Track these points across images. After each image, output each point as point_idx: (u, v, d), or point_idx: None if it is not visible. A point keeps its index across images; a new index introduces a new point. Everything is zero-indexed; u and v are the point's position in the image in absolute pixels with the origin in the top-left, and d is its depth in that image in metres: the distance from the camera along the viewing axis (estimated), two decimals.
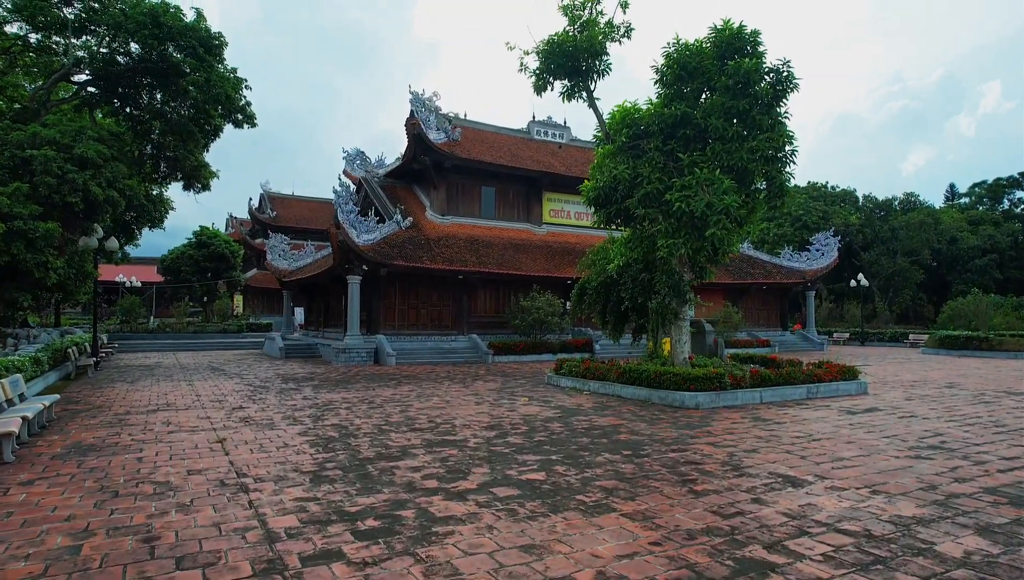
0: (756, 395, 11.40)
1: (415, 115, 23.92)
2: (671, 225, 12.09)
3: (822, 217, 46.03)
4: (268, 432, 8.53)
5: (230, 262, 39.71)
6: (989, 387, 14.27)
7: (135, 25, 15.19)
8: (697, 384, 10.87)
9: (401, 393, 12.89)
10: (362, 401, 11.76)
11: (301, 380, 15.47)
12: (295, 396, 12.38)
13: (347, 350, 20.17)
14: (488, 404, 11.29)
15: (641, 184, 12.29)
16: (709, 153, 11.94)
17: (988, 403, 11.44)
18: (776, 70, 11.99)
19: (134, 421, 9.32)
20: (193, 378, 15.83)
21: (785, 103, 12.20)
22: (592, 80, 13.27)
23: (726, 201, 11.03)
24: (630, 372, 12.20)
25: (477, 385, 14.50)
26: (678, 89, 12.54)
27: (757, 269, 30.11)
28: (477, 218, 26.15)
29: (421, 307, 22.80)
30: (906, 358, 24.16)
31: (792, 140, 11.68)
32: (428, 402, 11.61)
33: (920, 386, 14.33)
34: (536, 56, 12.90)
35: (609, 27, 12.97)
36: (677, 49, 12.44)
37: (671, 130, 12.38)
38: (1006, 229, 51.12)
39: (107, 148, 14.28)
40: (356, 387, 13.98)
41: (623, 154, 12.72)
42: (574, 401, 11.77)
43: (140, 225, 28.47)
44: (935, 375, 17.08)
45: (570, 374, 14.01)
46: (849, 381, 12.77)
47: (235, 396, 12.33)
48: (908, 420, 9.49)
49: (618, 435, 8.33)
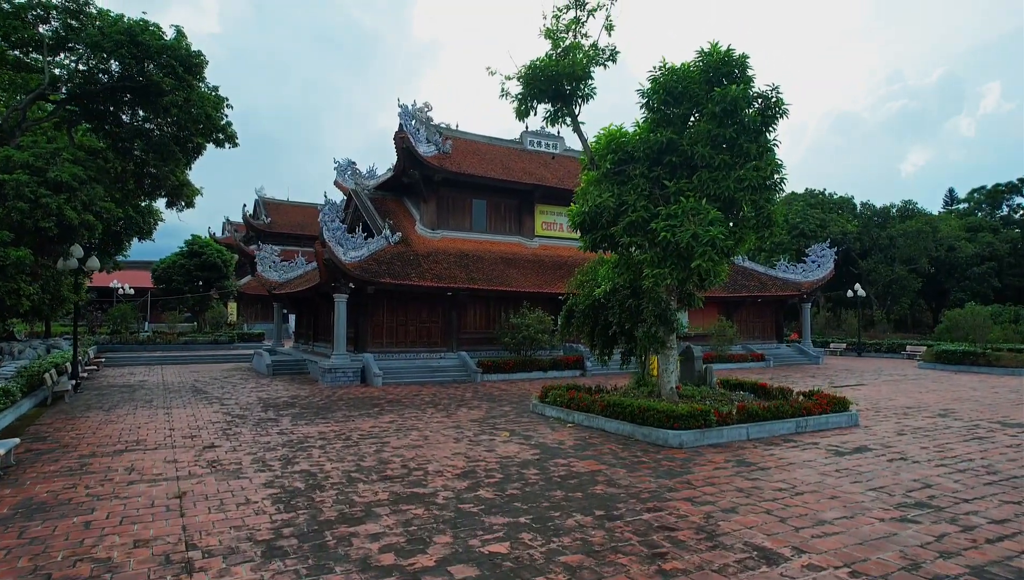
0: (743, 431, 11.09)
1: (404, 129, 23.61)
2: (657, 254, 11.78)
3: (819, 225, 45.72)
4: (232, 482, 8.22)
5: (222, 271, 39.42)
6: (984, 415, 13.96)
7: (112, 44, 14.86)
8: (681, 422, 10.55)
9: (380, 425, 12.57)
10: (339, 436, 11.45)
11: (282, 407, 15.15)
12: (271, 430, 12.07)
13: (333, 370, 19.87)
14: (467, 442, 10.97)
15: (626, 212, 11.99)
16: (696, 181, 11.63)
17: (981, 440, 11.13)
18: (764, 96, 11.68)
19: (96, 467, 9.01)
20: (172, 403, 15.52)
21: (774, 129, 11.91)
22: (576, 104, 12.96)
23: (712, 232, 10.72)
24: (614, 406, 11.89)
25: (460, 413, 14.19)
26: (664, 114, 12.23)
27: (752, 281, 29.81)
28: (468, 232, 25.85)
29: (410, 324, 22.49)
30: (902, 374, 23.85)
31: (780, 169, 11.37)
32: (406, 438, 11.30)
33: (913, 414, 14.01)
34: (518, 81, 12.59)
35: (594, 49, 12.66)
36: (663, 73, 12.12)
37: (657, 156, 12.07)
38: (1005, 236, 50.83)
39: (84, 170, 13.96)
40: (336, 417, 13.66)
41: (608, 181, 12.41)
42: (556, 436, 11.46)
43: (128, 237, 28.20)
44: (930, 399, 16.76)
45: (555, 403, 13.70)
46: (840, 413, 12.45)
47: (210, 430, 12.02)
48: (897, 465, 9.18)
49: (594, 487, 8.01)
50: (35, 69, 15.87)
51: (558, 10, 12.54)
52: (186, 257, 39.02)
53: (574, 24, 12.44)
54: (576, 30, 12.49)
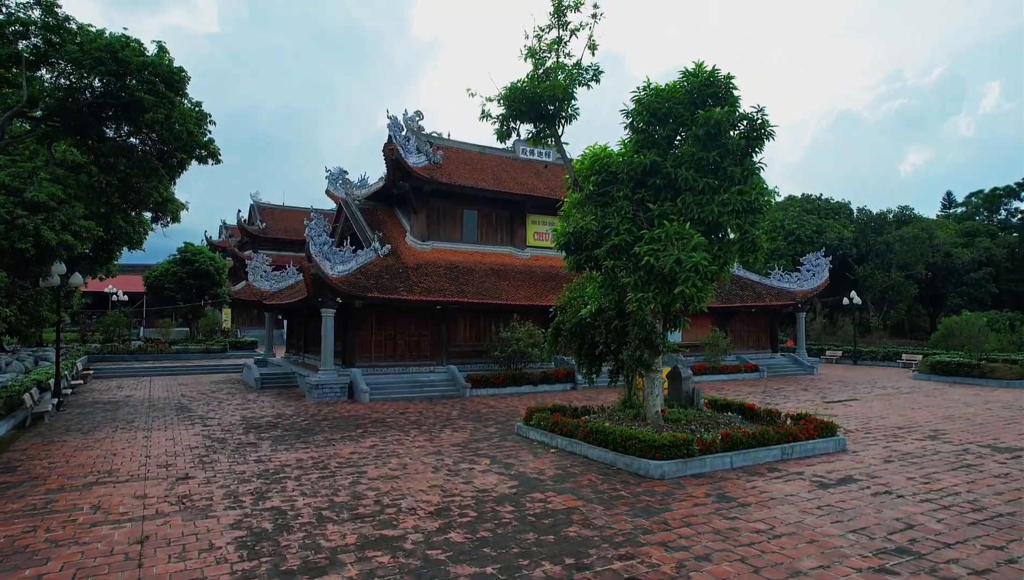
0: (727, 460, 10.89)
1: (393, 140, 23.42)
2: (641, 278, 11.59)
3: (816, 230, 45.56)
4: (199, 523, 8.03)
5: (215, 279, 39.22)
6: (974, 437, 13.78)
7: (92, 61, 14.65)
8: (663, 453, 10.36)
9: (360, 451, 12.38)
10: (317, 465, 11.26)
11: (264, 428, 14.96)
12: (249, 457, 11.87)
13: (320, 386, 19.68)
14: (445, 472, 10.78)
15: (609, 235, 11.82)
16: (680, 204, 11.45)
17: (969, 468, 10.94)
18: (750, 118, 11.50)
19: (62, 504, 8.82)
20: (154, 424, 15.33)
21: (759, 151, 11.72)
22: (560, 124, 12.77)
23: (695, 258, 10.55)
24: (596, 433, 11.70)
25: (444, 436, 14.00)
26: (649, 135, 12.04)
27: (746, 291, 29.62)
28: (459, 242, 25.66)
29: (399, 338, 22.30)
30: (896, 387, 23.66)
31: (765, 192, 11.19)
32: (384, 467, 11.11)
33: (903, 436, 13.83)
34: (499, 103, 12.39)
35: (577, 69, 12.47)
36: (647, 94, 11.94)
37: (641, 178, 11.89)
38: (1002, 241, 50.72)
39: (63, 188, 13.79)
40: (318, 441, 13.47)
41: (591, 203, 12.24)
42: (538, 464, 11.27)
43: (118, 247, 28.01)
44: (921, 417, 16.58)
45: (539, 427, 13.51)
46: (827, 438, 12.26)
47: (187, 457, 11.83)
48: (881, 500, 8.99)
49: (569, 528, 7.82)
50: (16, 84, 15.69)
51: (540, 30, 12.37)
52: (178, 265, 38.81)
53: (556, 44, 12.26)
54: (559, 50, 12.31)
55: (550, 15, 12.06)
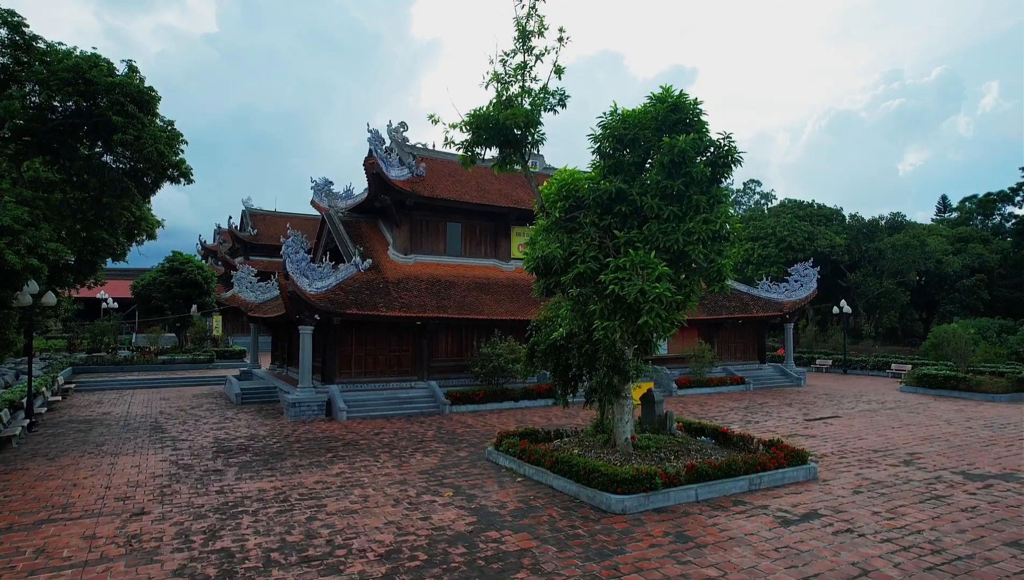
0: (691, 493, 10.75)
1: (373, 153, 23.27)
2: (607, 306, 11.48)
3: (808, 238, 45.41)
4: (141, 570, 7.88)
5: (203, 288, 39.07)
6: (949, 462, 13.65)
7: (59, 81, 14.52)
8: (625, 487, 10.21)
9: (325, 481, 12.22)
10: (278, 496, 11.11)
11: (235, 452, 14.80)
12: (211, 487, 11.72)
13: (297, 404, 19.53)
14: (406, 505, 10.63)
15: (575, 262, 11.68)
16: (646, 232, 11.33)
17: (938, 500, 10.80)
18: (716, 144, 11.37)
19: (5, 547, 8.64)
20: (123, 448, 15.17)
21: (727, 178, 11.60)
22: (527, 149, 12.63)
23: (659, 289, 10.41)
24: (561, 463, 11.56)
25: (413, 461, 13.84)
26: (616, 161, 11.91)
27: (733, 301, 29.47)
28: (442, 255, 25.52)
29: (379, 353, 22.15)
30: (881, 402, 23.51)
31: (731, 221, 11.06)
32: (345, 499, 10.95)
33: (878, 461, 13.69)
34: (462, 129, 12.26)
35: (544, 93, 12.33)
36: (613, 120, 11.81)
37: (608, 205, 11.76)
38: (995, 246, 50.54)
39: (29, 210, 13.64)
40: (285, 467, 13.31)
41: (557, 229, 12.10)
42: (501, 496, 11.11)
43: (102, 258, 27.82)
44: (900, 438, 16.43)
45: (508, 453, 13.36)
46: (797, 467, 12.12)
47: (148, 487, 11.67)
48: (841, 540, 8.84)
49: (517, 574, 7.68)
50: None
51: (505, 55, 12.22)
52: (166, 273, 38.65)
53: (521, 69, 12.12)
54: (524, 75, 12.17)
55: (515, 40, 11.95)
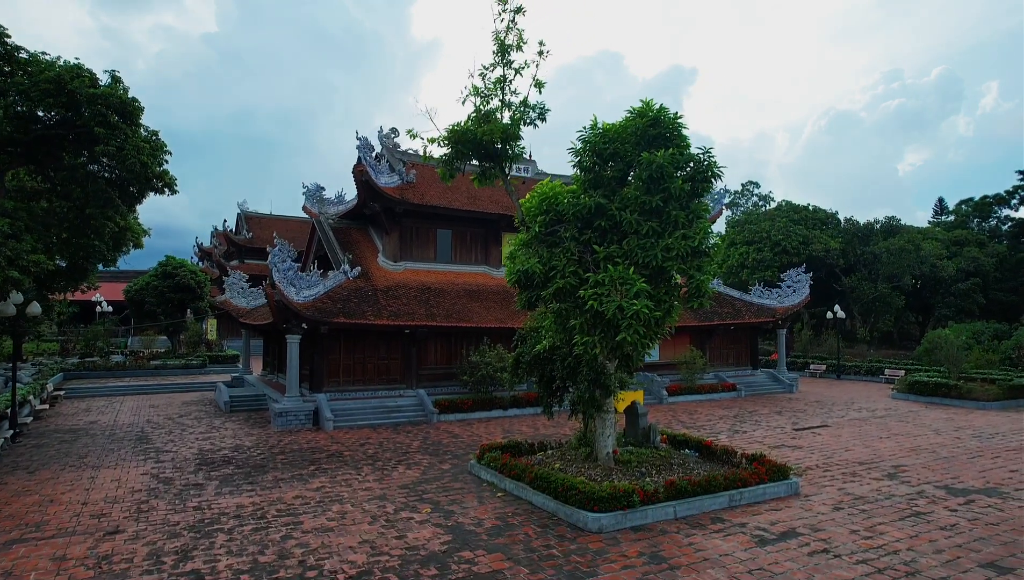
0: (670, 510, 10.69)
1: (362, 161, 23.22)
2: (587, 321, 11.44)
3: (802, 241, 45.36)
4: None
5: (196, 293, 39.01)
6: (934, 476, 13.60)
7: (40, 93, 14.47)
8: (602, 505, 10.16)
9: (305, 496, 12.16)
10: (255, 513, 11.05)
11: (218, 464, 14.74)
12: (189, 503, 11.66)
13: (284, 413, 19.48)
14: (383, 522, 10.57)
15: (555, 277, 11.63)
16: (625, 247, 11.28)
17: (918, 517, 10.74)
18: (696, 159, 11.32)
19: None
20: (105, 460, 15.10)
21: (707, 193, 11.54)
22: (506, 163, 12.58)
23: (636, 306, 10.35)
24: (540, 479, 11.50)
25: (395, 475, 13.78)
26: (597, 175, 11.86)
27: (725, 307, 29.40)
28: (432, 262, 25.48)
29: (368, 361, 22.09)
30: (871, 409, 23.46)
31: (710, 236, 11.01)
32: (323, 515, 10.89)
33: (863, 474, 13.64)
34: (440, 144, 12.21)
35: (524, 106, 12.28)
36: (593, 134, 11.76)
37: (587, 219, 11.71)
38: (991, 250, 50.51)
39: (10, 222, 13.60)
40: (266, 481, 13.25)
41: (538, 243, 12.05)
42: (479, 512, 11.05)
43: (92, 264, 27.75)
44: (887, 449, 16.37)
45: (490, 466, 13.30)
46: (778, 482, 12.05)
47: (125, 503, 11.61)
48: (817, 561, 8.79)
49: None
50: None
51: (484, 68, 12.18)
52: (159, 278, 38.58)
53: (501, 83, 12.07)
54: (504, 88, 12.12)
55: (494, 53, 11.90)
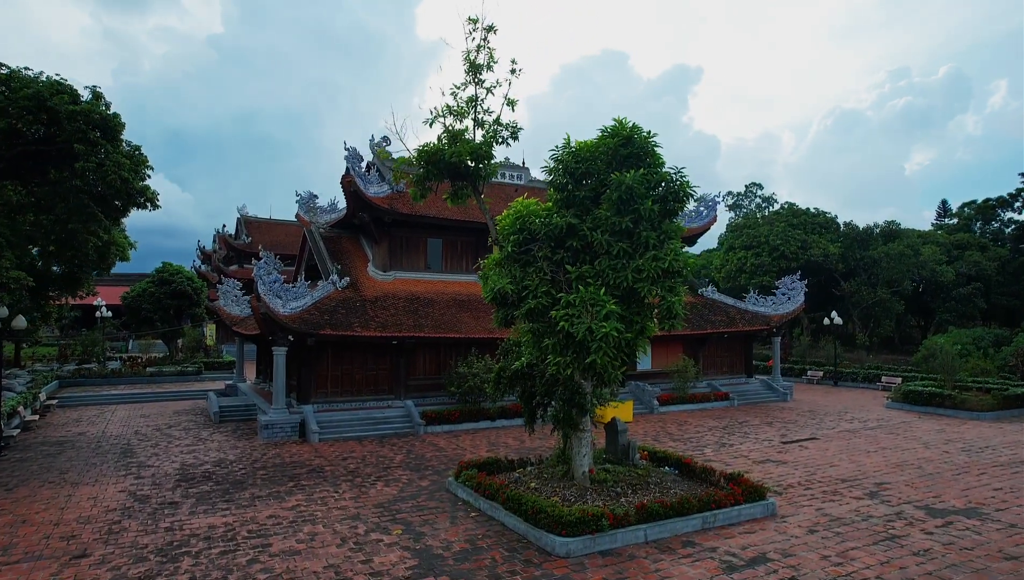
0: (640, 534, 10.60)
1: (351, 172, 23.21)
2: (559, 342, 11.38)
3: (801, 246, 45.10)
4: None
5: (193, 299, 39.14)
6: (916, 494, 13.45)
7: (18, 109, 14.54)
8: (570, 529, 10.08)
9: (279, 515, 12.12)
10: (226, 534, 11.02)
11: (198, 480, 14.73)
12: (161, 523, 11.64)
13: (270, 425, 19.49)
14: (351, 544, 10.52)
15: (527, 297, 11.57)
16: (597, 267, 11.21)
17: (892, 541, 10.62)
18: (668, 180, 11.22)
19: None
20: (85, 476, 15.10)
21: (680, 213, 11.45)
22: (480, 181, 12.53)
23: (606, 328, 10.28)
24: (512, 500, 11.44)
25: (372, 493, 13.73)
26: (569, 195, 11.79)
27: (718, 315, 29.24)
28: (422, 272, 25.45)
29: (356, 372, 22.08)
30: (863, 420, 23.26)
31: (681, 257, 10.91)
32: (293, 537, 10.85)
33: (844, 493, 13.50)
34: (411, 164, 12.16)
35: (497, 124, 12.22)
36: (565, 153, 11.69)
37: (560, 239, 11.65)
38: (993, 254, 50.07)
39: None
40: (243, 499, 13.22)
41: (511, 262, 11.99)
42: (450, 534, 10.99)
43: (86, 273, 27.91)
44: (873, 464, 16.21)
45: (467, 485, 13.25)
46: (754, 503, 11.94)
47: (97, 524, 11.59)
48: None
49: None
50: None
51: (456, 87, 12.12)
52: (156, 285, 38.73)
53: (472, 102, 12.01)
54: (476, 107, 12.06)
55: (465, 73, 11.86)
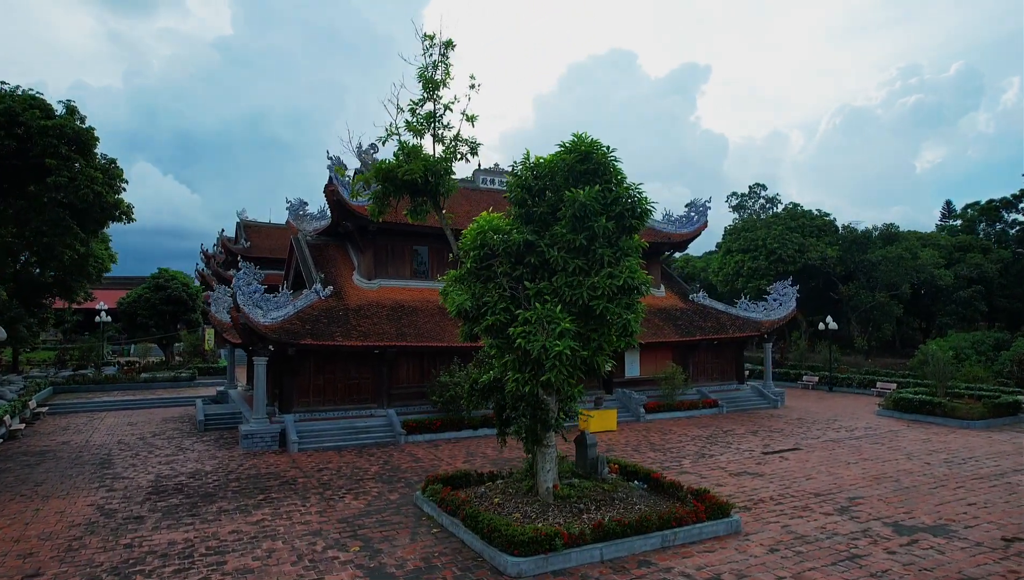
0: (596, 553, 10.52)
1: (333, 181, 23.23)
2: (518, 359, 11.34)
3: (798, 249, 44.77)
4: None
5: (188, 305, 39.36)
6: (888, 510, 13.27)
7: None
8: (522, 548, 10.02)
9: (242, 530, 12.13)
10: (184, 551, 11.04)
11: (168, 493, 14.77)
12: (122, 540, 11.66)
13: (250, 435, 19.55)
14: (307, 561, 10.50)
15: (486, 314, 11.53)
16: (555, 284, 11.14)
17: (852, 561, 10.47)
18: (625, 197, 11.12)
19: None
20: (58, 489, 15.18)
21: (642, 227, 11.37)
22: (442, 197, 12.49)
23: (559, 347, 10.22)
24: (470, 517, 11.39)
25: (340, 506, 13.71)
26: (528, 211, 11.73)
27: (709, 321, 29.06)
28: (408, 279, 25.44)
29: (339, 381, 22.11)
30: (851, 428, 23.03)
31: (636, 275, 10.81)
32: (250, 553, 10.85)
33: (814, 508, 13.35)
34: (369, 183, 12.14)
35: (457, 140, 12.18)
36: (523, 168, 11.64)
37: (519, 254, 11.59)
38: (995, 256, 49.55)
39: None
40: (210, 512, 13.25)
41: (471, 278, 11.95)
42: (407, 551, 10.95)
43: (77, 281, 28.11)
44: (850, 477, 16.03)
45: (432, 499, 13.22)
46: (718, 520, 11.82)
47: (58, 540, 11.64)
48: None
49: None
50: None
51: (413, 103, 12.09)
52: (151, 290, 39.00)
53: (430, 118, 11.98)
54: (435, 123, 12.02)
55: (422, 89, 11.82)
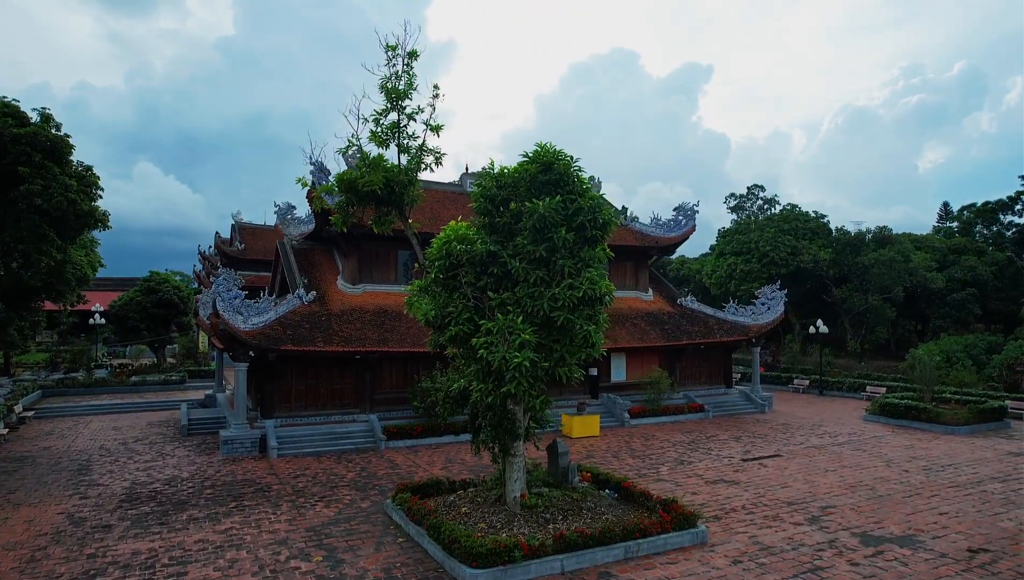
0: (556, 565, 10.50)
1: (315, 186, 23.19)
2: (481, 369, 11.33)
3: (791, 253, 44.66)
4: None
5: (180, 308, 39.40)
6: (858, 520, 13.23)
7: None
8: (480, 560, 10.01)
9: (208, 539, 12.13)
10: (146, 562, 11.03)
11: (141, 501, 14.77)
12: (86, 550, 11.65)
13: (230, 441, 19.55)
14: (269, 571, 10.50)
15: (450, 324, 11.52)
16: (517, 294, 11.13)
17: (814, 574, 10.44)
18: (587, 208, 11.10)
19: None
20: (32, 496, 15.19)
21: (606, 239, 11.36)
22: (408, 206, 12.48)
23: (518, 358, 10.21)
24: (434, 528, 11.38)
25: (311, 514, 13.70)
26: (492, 221, 11.72)
27: (696, 326, 29.01)
28: (392, 284, 25.43)
29: (321, 386, 22.11)
30: (834, 434, 22.98)
31: (597, 286, 10.79)
32: (213, 564, 10.85)
33: (784, 518, 13.31)
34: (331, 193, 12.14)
35: (421, 150, 12.18)
36: (487, 179, 11.62)
37: (484, 265, 11.58)
38: (990, 258, 49.39)
39: None
40: (179, 522, 13.25)
41: (437, 287, 11.93)
42: (370, 561, 10.94)
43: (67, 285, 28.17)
44: (826, 485, 15.98)
45: (400, 507, 13.20)
46: (683, 531, 11.79)
47: (22, 550, 11.64)
48: None
49: None
50: None
51: (377, 113, 12.08)
52: (143, 294, 39.05)
53: (394, 128, 11.97)
54: (399, 133, 12.02)
55: (385, 99, 11.81)
